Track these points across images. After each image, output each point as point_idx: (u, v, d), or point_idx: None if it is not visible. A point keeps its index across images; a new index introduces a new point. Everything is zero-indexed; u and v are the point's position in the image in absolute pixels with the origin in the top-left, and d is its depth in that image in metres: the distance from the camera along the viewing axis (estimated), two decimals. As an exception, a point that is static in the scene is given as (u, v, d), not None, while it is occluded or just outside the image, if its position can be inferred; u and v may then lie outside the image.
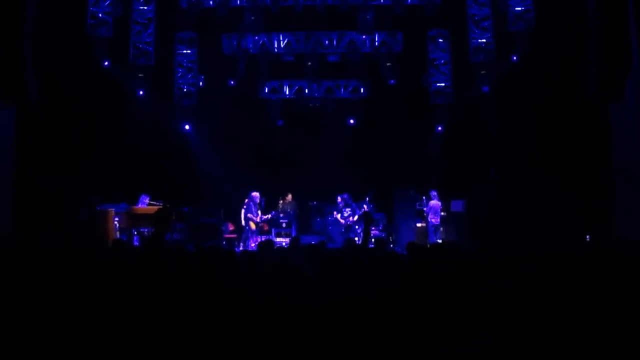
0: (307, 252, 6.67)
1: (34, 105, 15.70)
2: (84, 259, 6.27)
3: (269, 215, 17.89)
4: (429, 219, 17.73)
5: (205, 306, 3.85)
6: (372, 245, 12.21)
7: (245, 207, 17.66)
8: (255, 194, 17.80)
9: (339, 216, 18.10)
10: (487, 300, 4.08)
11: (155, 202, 16.58)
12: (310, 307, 3.88)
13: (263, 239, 14.33)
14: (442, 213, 17.73)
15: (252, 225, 17.49)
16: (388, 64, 19.81)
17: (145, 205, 16.70)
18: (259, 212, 17.68)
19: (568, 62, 16.67)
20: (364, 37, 19.69)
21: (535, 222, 15.34)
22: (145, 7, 19.38)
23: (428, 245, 13.13)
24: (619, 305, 3.76)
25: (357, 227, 17.92)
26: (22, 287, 4.35)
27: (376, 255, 6.36)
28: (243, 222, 17.70)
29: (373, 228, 18.21)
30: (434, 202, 17.78)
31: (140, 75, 19.34)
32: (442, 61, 19.72)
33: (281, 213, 18.30)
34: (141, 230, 16.38)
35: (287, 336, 3.46)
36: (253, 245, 16.56)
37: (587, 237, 15.06)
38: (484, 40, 19.08)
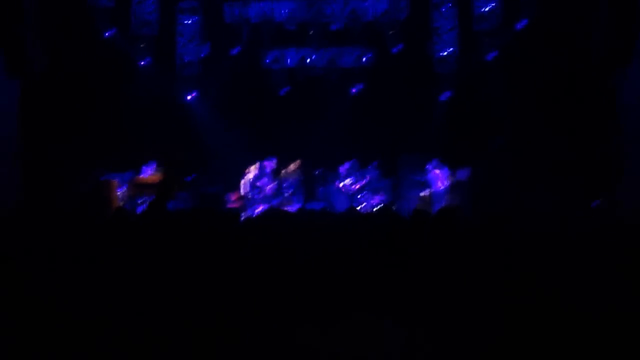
0: (311, 218, 6.66)
1: (38, 77, 15.70)
2: (87, 226, 6.25)
3: (274, 184, 17.93)
4: (433, 187, 17.69)
5: (209, 271, 3.83)
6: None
7: (246, 175, 17.71)
8: (267, 162, 17.87)
9: (342, 184, 18.08)
10: (488, 265, 4.06)
11: (159, 171, 16.59)
12: (313, 269, 3.88)
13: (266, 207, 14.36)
14: (447, 181, 17.67)
15: (263, 193, 17.58)
16: (391, 32, 19.65)
17: (149, 174, 16.71)
18: (268, 180, 17.74)
19: (575, 28, 16.54)
20: (366, 4, 19.52)
21: (541, 190, 15.31)
22: (147, -24, 19.22)
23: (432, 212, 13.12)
24: (621, 273, 3.74)
25: (360, 195, 17.92)
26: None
27: (380, 221, 6.35)
28: (243, 191, 17.75)
29: (377, 196, 18.26)
30: (436, 171, 17.73)
31: (142, 45, 19.25)
32: (446, 29, 19.54)
33: (285, 181, 18.31)
34: (146, 199, 16.38)
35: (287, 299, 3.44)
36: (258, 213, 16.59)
37: (595, 202, 15.02)
38: (489, 7, 18.89)
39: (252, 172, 17.85)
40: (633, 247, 4.54)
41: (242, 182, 17.89)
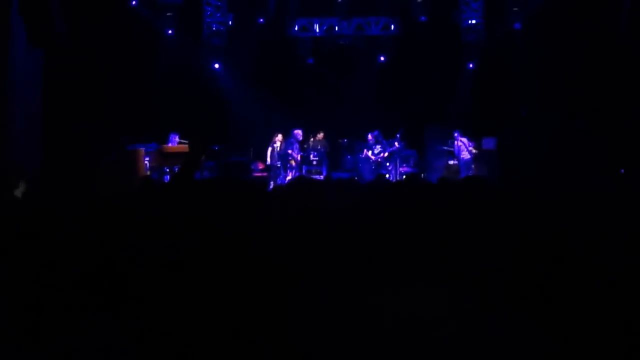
0: (339, 185, 6.67)
1: (62, 48, 15.71)
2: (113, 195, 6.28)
3: (301, 153, 18.03)
4: (460, 157, 17.66)
5: (238, 240, 3.85)
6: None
7: (272, 145, 17.80)
8: (298, 131, 17.97)
9: (369, 153, 18.10)
10: (511, 235, 4.06)
11: (185, 141, 16.64)
12: (344, 236, 3.89)
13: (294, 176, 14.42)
14: (474, 150, 17.62)
15: (293, 163, 17.68)
16: (419, 0, 19.53)
17: (175, 144, 16.77)
18: (295, 149, 17.84)
19: (602, 0, 16.38)
20: (395, -28, 19.43)
21: (567, 161, 15.25)
22: (173, -56, 19.16)
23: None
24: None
25: (388, 164, 17.94)
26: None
27: (407, 188, 6.36)
28: (269, 160, 17.83)
29: (404, 165, 18.30)
30: (463, 140, 17.67)
31: (168, 14, 19.24)
32: (474, -3, 19.42)
33: (312, 151, 18.37)
34: (173, 168, 16.48)
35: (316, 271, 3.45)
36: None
37: (622, 170, 14.93)
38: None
39: (278, 141, 17.91)
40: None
41: (269, 151, 17.96)
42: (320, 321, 2.98)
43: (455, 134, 17.77)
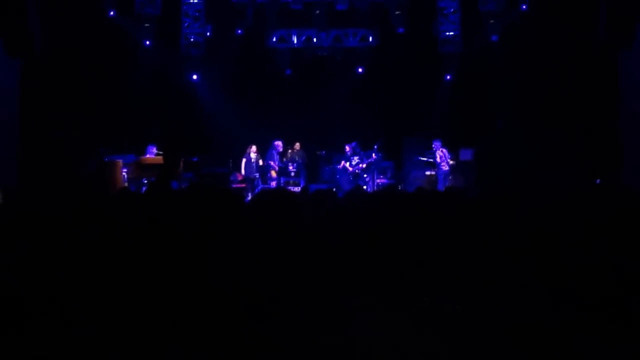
0: (316, 197, 6.67)
1: (39, 57, 15.61)
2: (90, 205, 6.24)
3: (279, 165, 18.10)
4: (439, 167, 17.74)
5: (214, 250, 3.83)
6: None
7: (247, 156, 17.86)
8: (278, 143, 18.05)
9: (347, 165, 18.14)
10: (490, 243, 4.08)
11: (162, 152, 16.60)
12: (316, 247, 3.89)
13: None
14: (451, 162, 17.71)
15: (273, 173, 17.78)
16: (397, 12, 19.60)
17: (153, 155, 16.73)
18: (273, 160, 17.92)
19: (578, 11, 16.50)
20: (373, -16, 19.49)
21: (543, 171, 15.33)
22: (151, -45, 19.12)
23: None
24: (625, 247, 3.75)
25: (365, 175, 18.00)
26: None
27: (386, 198, 6.37)
28: (244, 172, 17.87)
29: (381, 176, 18.36)
30: (441, 151, 17.77)
31: (146, 25, 19.18)
32: (451, 9, 19.49)
33: (290, 162, 18.39)
34: (151, 180, 16.43)
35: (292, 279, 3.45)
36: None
37: (597, 180, 15.04)
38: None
39: (252, 152, 17.96)
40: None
41: (243, 162, 17.99)
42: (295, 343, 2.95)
43: (436, 144, 17.84)
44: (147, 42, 19.25)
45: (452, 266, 3.72)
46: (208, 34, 19.72)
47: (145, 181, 16.44)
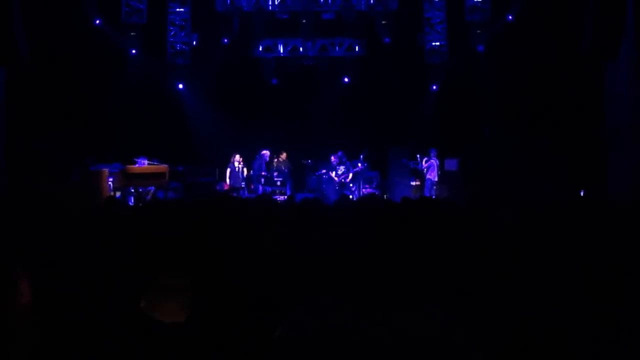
0: (302, 206, 6.66)
1: (24, 66, 15.53)
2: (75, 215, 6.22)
3: (265, 174, 18.11)
4: (427, 176, 17.77)
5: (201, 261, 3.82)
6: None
7: (232, 165, 17.87)
8: (265, 152, 18.08)
9: (333, 174, 18.14)
10: (474, 251, 4.08)
11: (153, 162, 16.56)
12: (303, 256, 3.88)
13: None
14: (437, 171, 17.75)
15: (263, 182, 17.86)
16: (383, 22, 19.67)
17: (139, 164, 16.66)
18: (259, 170, 17.98)
19: (563, 21, 16.59)
20: (359, -7, 19.54)
21: (528, 181, 15.37)
22: (137, -35, 19.11)
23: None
24: (609, 257, 3.75)
25: (351, 185, 18.00)
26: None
27: (372, 207, 6.36)
28: (228, 181, 17.85)
29: (367, 186, 18.36)
30: (433, 160, 17.80)
31: (132, 34, 19.15)
32: (438, 20, 19.61)
33: (275, 171, 18.38)
34: (138, 189, 16.43)
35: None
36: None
37: (581, 192, 15.13)
38: (480, -1, 18.99)
39: (236, 162, 17.96)
40: (621, 230, 4.56)
41: (227, 171, 17.97)
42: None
43: (432, 153, 17.87)
44: (133, 51, 19.22)
45: (439, 276, 3.71)
46: (194, 43, 19.75)
47: (132, 190, 16.42)
